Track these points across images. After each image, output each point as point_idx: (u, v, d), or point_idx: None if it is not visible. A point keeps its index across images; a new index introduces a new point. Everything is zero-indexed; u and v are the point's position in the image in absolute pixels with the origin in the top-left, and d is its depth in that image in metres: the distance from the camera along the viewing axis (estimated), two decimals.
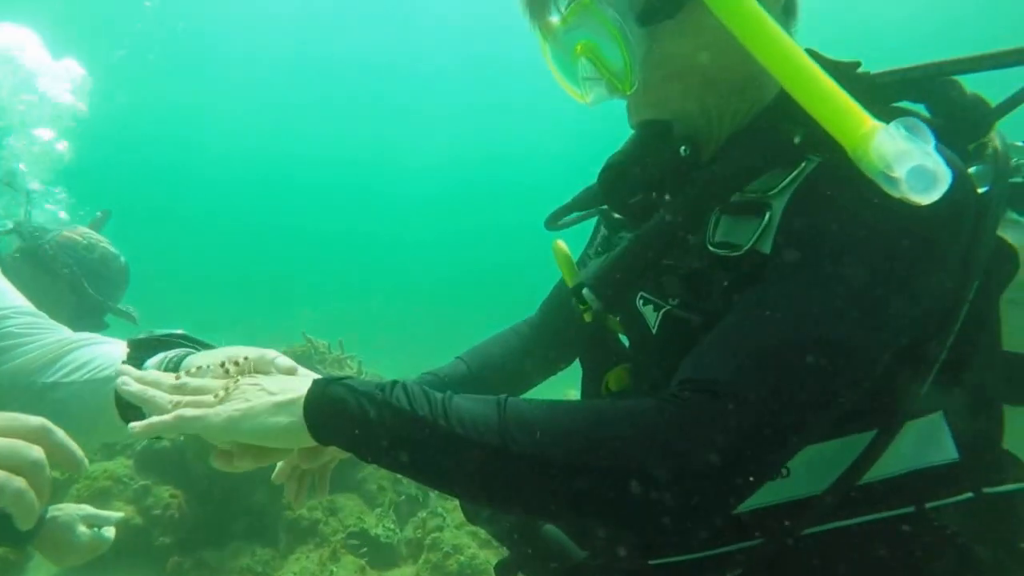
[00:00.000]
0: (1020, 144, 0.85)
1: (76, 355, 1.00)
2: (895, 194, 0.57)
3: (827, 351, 0.67)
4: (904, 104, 0.85)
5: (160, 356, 0.95)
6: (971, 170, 0.79)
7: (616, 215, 1.07)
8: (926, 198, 0.57)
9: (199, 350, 0.95)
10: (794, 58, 0.65)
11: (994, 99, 0.81)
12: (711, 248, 0.82)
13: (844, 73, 0.77)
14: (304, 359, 3.62)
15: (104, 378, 0.95)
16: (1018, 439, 0.85)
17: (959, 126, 0.81)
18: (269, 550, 3.15)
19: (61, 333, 1.04)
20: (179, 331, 1.00)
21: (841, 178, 0.70)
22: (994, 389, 0.84)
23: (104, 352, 1.00)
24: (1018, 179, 0.82)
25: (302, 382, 0.80)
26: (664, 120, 0.86)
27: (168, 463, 3.31)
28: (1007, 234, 0.80)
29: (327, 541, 3.07)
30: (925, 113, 0.82)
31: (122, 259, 2.01)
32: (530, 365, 1.27)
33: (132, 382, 0.84)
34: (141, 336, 1.00)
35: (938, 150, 0.57)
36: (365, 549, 2.99)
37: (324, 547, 3.02)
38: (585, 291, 0.90)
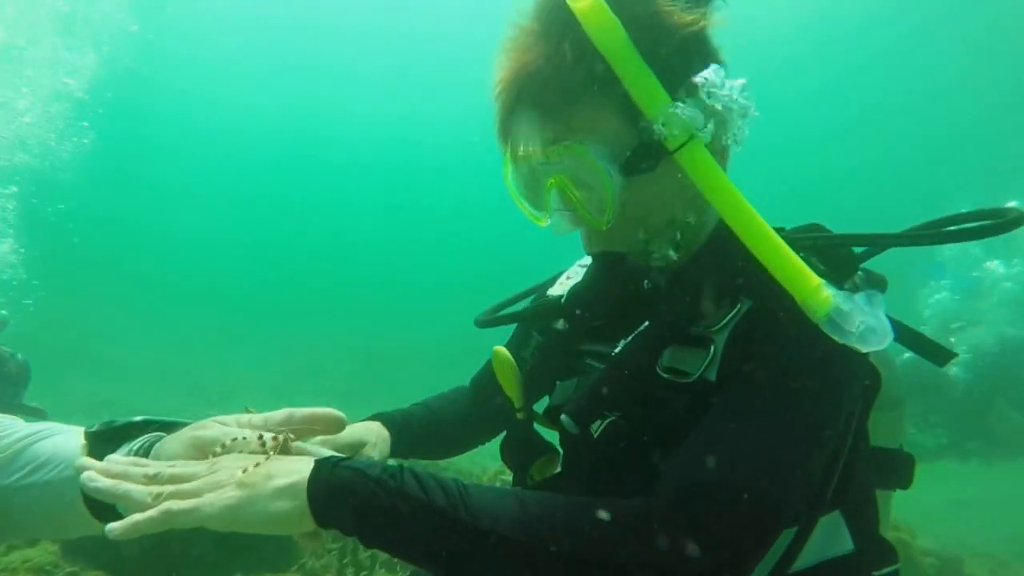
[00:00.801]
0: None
1: (34, 451, 0.92)
2: (839, 339, 0.77)
3: (793, 461, 0.82)
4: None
5: (124, 449, 0.88)
6: None
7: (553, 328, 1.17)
8: (869, 347, 0.77)
9: (167, 433, 0.87)
10: (759, 225, 0.85)
11: None
12: (662, 374, 0.94)
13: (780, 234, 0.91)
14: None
15: (66, 479, 0.87)
16: (882, 516, 1.05)
17: (839, 273, 0.97)
18: None
19: (16, 425, 0.97)
20: (139, 418, 0.92)
21: (771, 319, 0.88)
22: (869, 482, 1.02)
23: (63, 446, 0.92)
24: None
25: (300, 463, 0.78)
26: (622, 253, 0.99)
27: (98, 546, 3.20)
28: None
29: None
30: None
31: (19, 356, 2.02)
32: (465, 434, 1.42)
33: (99, 477, 0.77)
34: (98, 428, 0.93)
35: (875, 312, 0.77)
36: None
37: None
38: (564, 418, 0.98)
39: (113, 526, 0.72)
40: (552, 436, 1.16)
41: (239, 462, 0.78)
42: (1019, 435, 4.60)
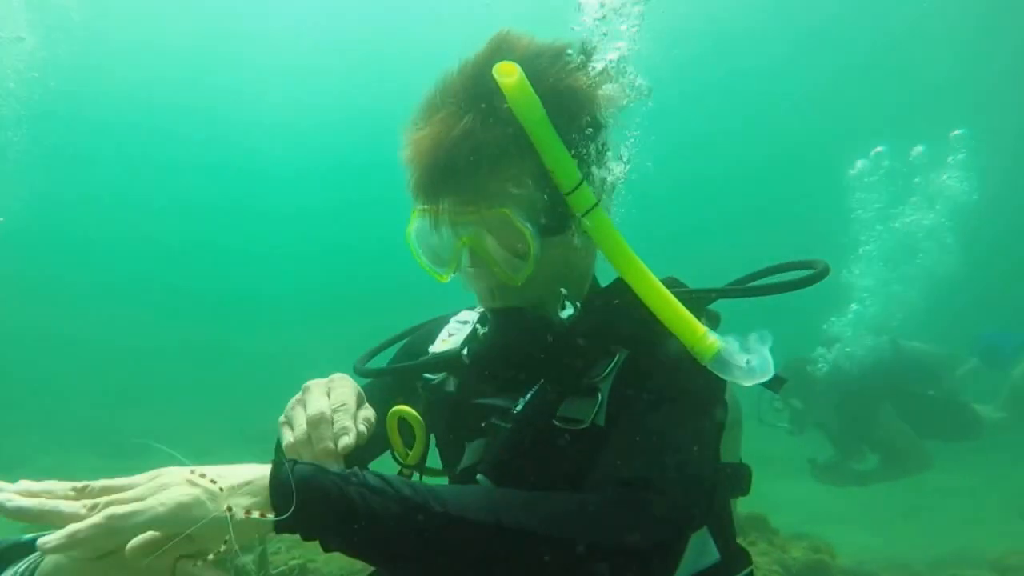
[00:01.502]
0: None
1: None
2: (724, 375, 0.93)
3: (696, 462, 0.97)
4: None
5: (9, 572, 0.79)
6: None
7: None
8: (753, 381, 0.93)
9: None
10: (653, 283, 0.98)
11: None
12: (557, 423, 1.03)
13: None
14: None
15: None
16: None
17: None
18: None
19: None
20: (28, 536, 0.81)
21: (646, 363, 1.02)
22: (725, 494, 1.14)
23: None
24: None
25: (250, 468, 0.76)
26: (521, 307, 1.08)
27: None
28: None
29: None
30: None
31: None
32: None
33: (19, 497, 0.69)
34: None
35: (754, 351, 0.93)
36: None
37: None
38: (481, 477, 1.03)
39: (47, 538, 0.66)
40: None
41: (181, 470, 0.75)
42: (907, 442, 4.74)
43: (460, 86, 1.03)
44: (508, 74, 0.96)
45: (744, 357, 0.93)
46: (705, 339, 0.94)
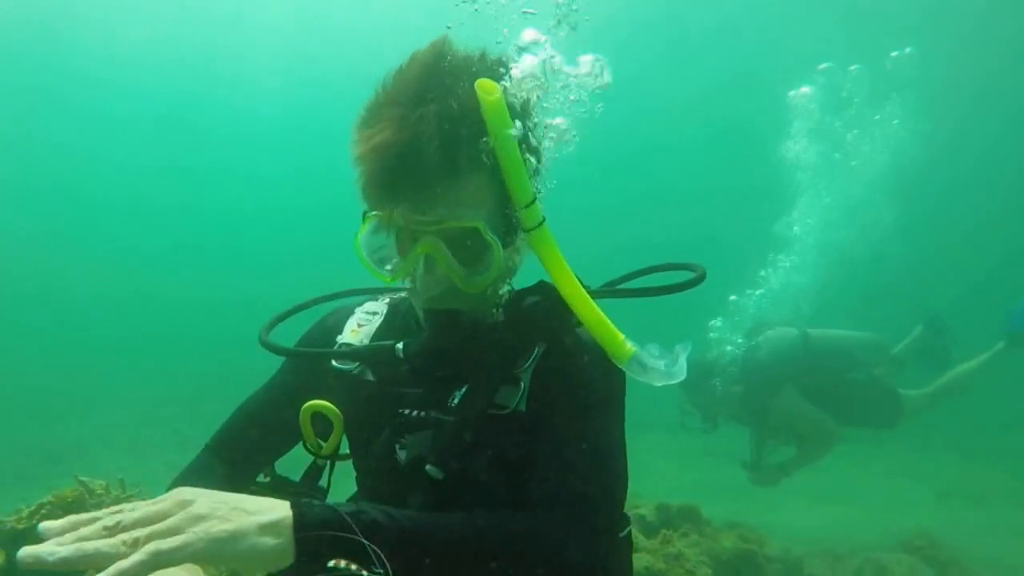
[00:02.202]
0: None
1: None
2: (638, 376, 1.06)
3: (618, 464, 1.13)
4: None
5: None
6: None
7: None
8: (666, 382, 1.05)
9: None
10: (581, 294, 1.08)
11: None
12: (490, 411, 1.13)
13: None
14: (78, 508, 3.29)
15: None
16: None
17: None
18: None
19: None
20: None
21: (562, 357, 1.15)
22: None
23: None
24: None
25: (269, 501, 0.85)
26: (459, 309, 1.12)
27: None
28: None
29: None
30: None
31: None
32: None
33: (59, 548, 0.71)
34: None
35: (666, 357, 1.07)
36: None
37: None
38: (431, 468, 1.09)
39: None
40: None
41: (206, 496, 0.81)
42: (807, 426, 4.79)
43: (415, 91, 1.03)
44: (490, 92, 0.99)
45: (659, 361, 1.05)
46: (624, 344, 1.06)
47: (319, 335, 1.35)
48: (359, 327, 1.30)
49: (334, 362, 1.25)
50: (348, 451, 1.30)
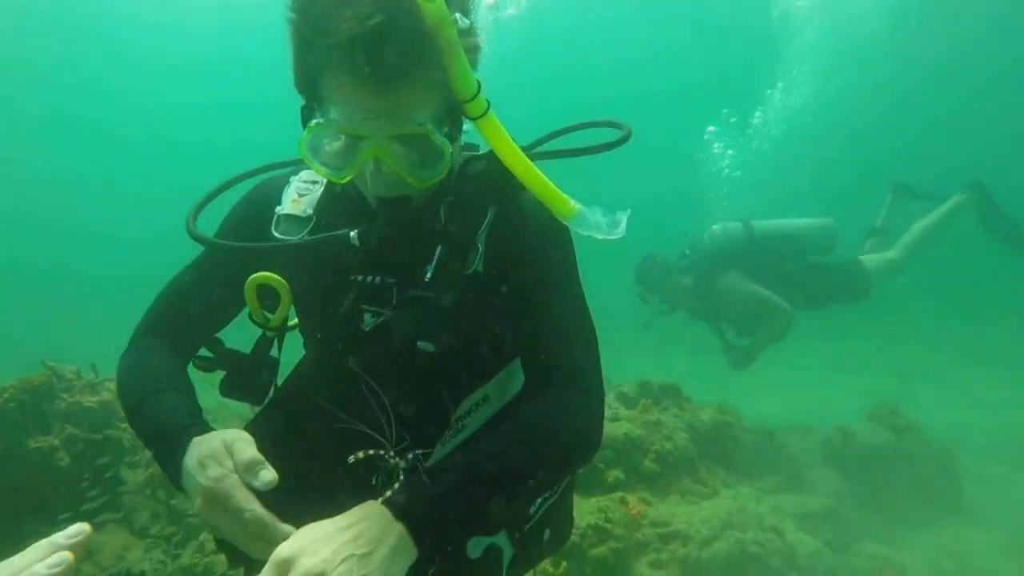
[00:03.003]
0: None
1: None
2: (583, 230, 1.11)
3: (594, 339, 1.20)
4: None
5: None
6: None
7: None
8: (609, 236, 1.10)
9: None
10: (527, 165, 1.10)
11: None
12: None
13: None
14: (45, 392, 3.20)
15: None
16: None
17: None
18: None
19: None
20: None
21: (510, 225, 1.19)
22: None
23: None
24: None
25: (358, 521, 0.88)
26: (408, 195, 1.10)
27: None
28: None
29: None
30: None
31: None
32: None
33: None
34: None
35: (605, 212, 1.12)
36: None
37: None
38: (421, 343, 1.13)
39: None
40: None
41: (309, 556, 0.81)
42: (755, 308, 4.85)
43: None
44: None
45: (601, 218, 1.10)
46: (568, 202, 1.10)
47: (251, 211, 1.27)
48: (300, 196, 1.24)
49: (276, 232, 1.20)
50: (296, 322, 1.31)
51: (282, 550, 0.81)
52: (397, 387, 1.15)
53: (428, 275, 1.14)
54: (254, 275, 1.16)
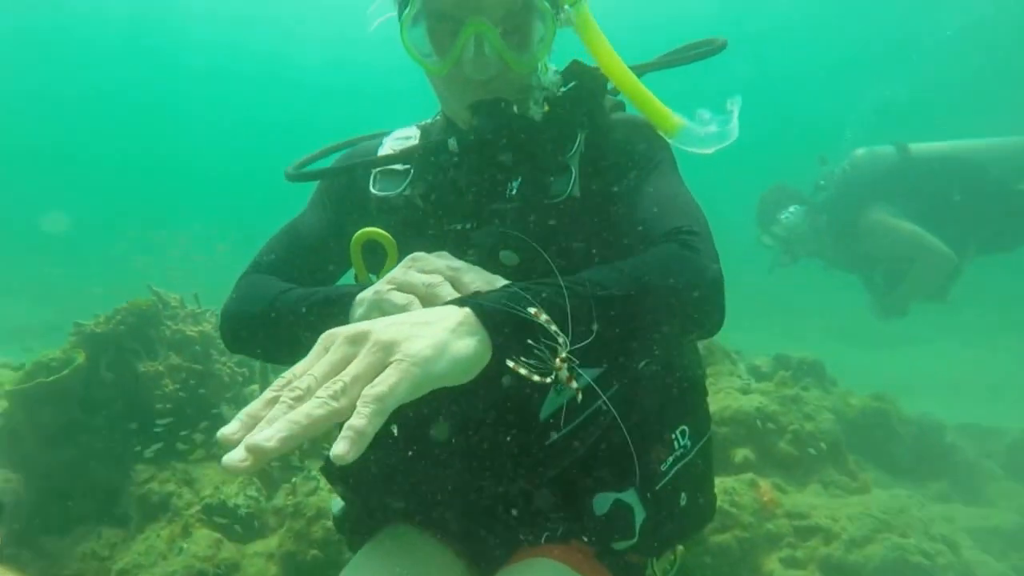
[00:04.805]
0: None
1: None
2: (687, 146, 1.14)
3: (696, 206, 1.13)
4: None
5: None
6: None
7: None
8: (718, 146, 1.11)
9: None
10: (628, 75, 1.15)
11: None
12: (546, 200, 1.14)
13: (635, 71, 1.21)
14: (151, 317, 3.23)
15: None
16: None
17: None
18: (118, 531, 2.77)
19: None
20: None
21: (602, 145, 1.17)
22: None
23: None
24: None
25: (438, 309, 0.77)
26: (505, 99, 1.12)
27: None
28: None
29: (180, 515, 2.72)
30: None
31: None
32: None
33: (271, 434, 0.59)
34: None
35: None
36: (225, 521, 2.65)
37: (176, 522, 2.67)
38: (504, 253, 1.08)
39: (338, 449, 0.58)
40: None
41: (377, 324, 0.72)
42: (905, 247, 3.87)
43: None
44: None
45: (710, 126, 1.09)
46: (671, 117, 1.13)
47: (357, 156, 1.32)
48: (396, 140, 1.28)
49: (374, 190, 1.23)
50: None
51: (353, 326, 0.73)
52: None
53: (512, 191, 1.14)
54: (361, 230, 1.11)
